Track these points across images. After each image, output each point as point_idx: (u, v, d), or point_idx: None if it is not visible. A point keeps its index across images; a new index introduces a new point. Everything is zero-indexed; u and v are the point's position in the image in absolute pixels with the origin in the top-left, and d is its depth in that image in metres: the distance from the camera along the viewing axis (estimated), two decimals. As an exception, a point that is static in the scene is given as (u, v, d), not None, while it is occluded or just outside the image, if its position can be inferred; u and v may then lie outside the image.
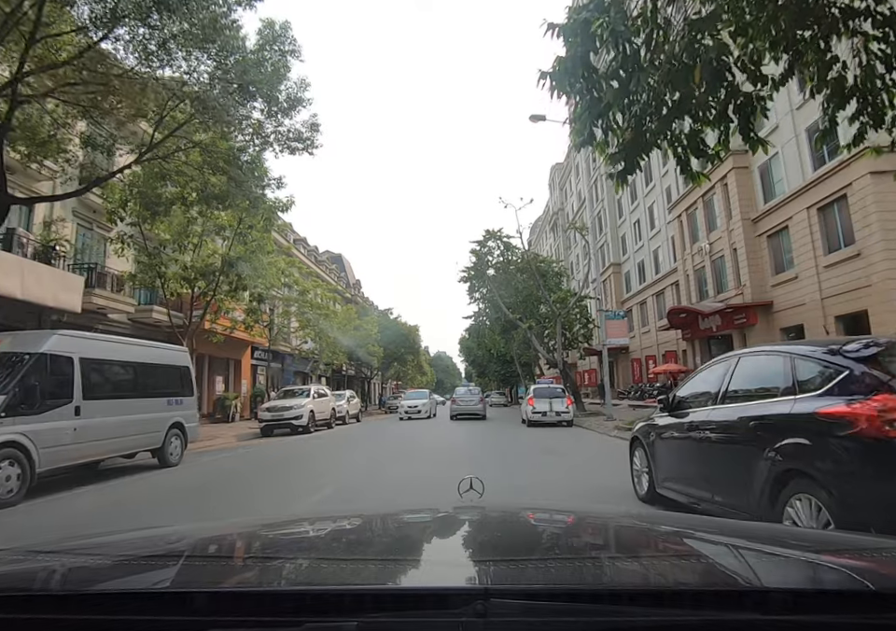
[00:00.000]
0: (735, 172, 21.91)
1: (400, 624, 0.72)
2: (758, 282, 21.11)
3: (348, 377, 46.21)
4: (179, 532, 1.46)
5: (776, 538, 1.25)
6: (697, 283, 26.10)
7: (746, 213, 21.56)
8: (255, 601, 0.76)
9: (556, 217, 60.60)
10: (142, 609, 0.76)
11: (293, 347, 29.91)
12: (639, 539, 1.32)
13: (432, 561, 1.10)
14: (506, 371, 49.28)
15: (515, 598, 0.72)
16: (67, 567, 1.04)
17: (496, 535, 1.36)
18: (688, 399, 4.49)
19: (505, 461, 8.60)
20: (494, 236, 26.06)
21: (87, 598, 0.80)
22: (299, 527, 1.54)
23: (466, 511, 1.59)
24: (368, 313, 37.29)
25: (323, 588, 0.82)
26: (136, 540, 1.33)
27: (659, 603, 0.73)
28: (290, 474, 8.54)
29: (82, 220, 17.23)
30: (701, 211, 25.11)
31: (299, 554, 1.17)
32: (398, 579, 0.99)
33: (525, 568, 0.98)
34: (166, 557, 1.13)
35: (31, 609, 0.76)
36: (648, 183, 33.49)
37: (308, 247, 42.87)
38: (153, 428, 8.82)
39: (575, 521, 1.55)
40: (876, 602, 0.72)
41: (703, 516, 2.44)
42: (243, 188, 11.94)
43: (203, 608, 0.73)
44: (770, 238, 20.86)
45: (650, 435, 4.83)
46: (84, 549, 1.18)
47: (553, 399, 17.44)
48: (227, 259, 13.97)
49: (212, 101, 10.01)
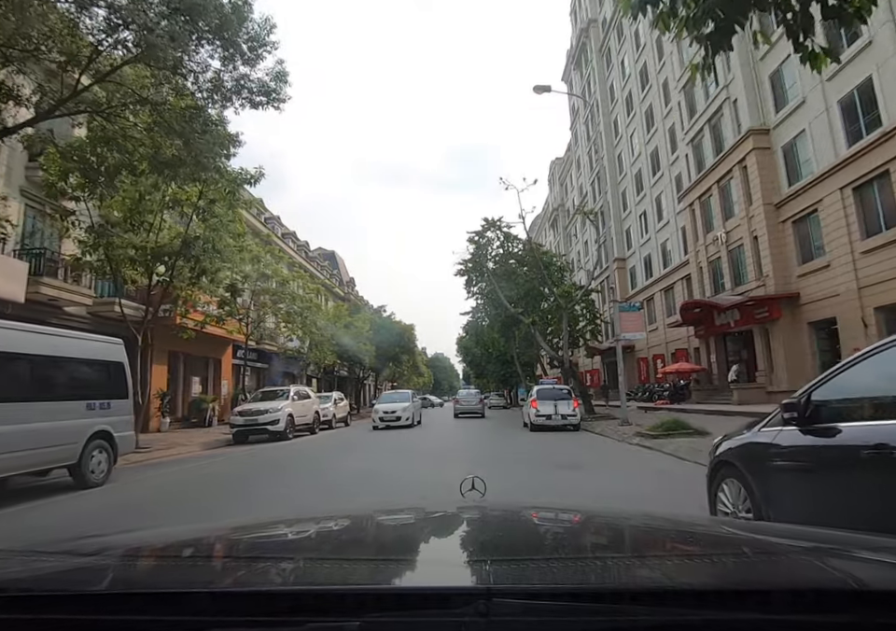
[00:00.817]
0: (756, 153, 20.14)
1: (402, 624, 0.71)
2: (782, 272, 19.30)
3: (339, 378, 44.29)
4: (180, 532, 1.47)
5: (777, 537, 1.24)
6: (712, 275, 24.31)
7: (768, 197, 19.77)
8: (256, 601, 0.76)
9: (556, 214, 58.81)
10: (142, 610, 0.75)
11: (279, 346, 27.98)
12: (642, 539, 1.31)
13: (434, 561, 1.08)
14: (505, 372, 47.40)
15: (518, 598, 0.71)
16: (67, 567, 1.03)
17: (498, 534, 1.35)
18: (842, 405, 2.65)
19: (511, 480, 6.69)
20: (493, 225, 24.16)
21: (87, 598, 0.80)
22: (300, 527, 1.51)
23: (468, 511, 1.59)
24: (360, 310, 35.34)
25: (325, 588, 0.82)
26: (136, 540, 1.34)
27: (661, 603, 0.73)
28: (235, 500, 6.64)
29: (32, 200, 15.31)
30: (716, 198, 23.33)
31: (300, 554, 1.17)
32: (400, 578, 0.97)
33: (528, 568, 0.96)
34: (166, 557, 1.14)
35: (31, 609, 0.76)
36: (655, 172, 31.72)
37: (298, 242, 40.96)
38: (64, 440, 6.91)
39: (578, 520, 1.55)
40: (878, 602, 0.72)
41: (705, 516, 2.30)
42: (200, 152, 10.07)
43: (204, 608, 0.73)
44: (796, 224, 19.07)
45: (759, 461, 2.91)
46: (84, 549, 1.17)
47: (559, 400, 15.61)
48: (185, 239, 12.05)
49: (157, 31, 8.14)
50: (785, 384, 18.69)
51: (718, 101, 22.74)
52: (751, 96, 20.68)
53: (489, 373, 53.93)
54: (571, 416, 15.34)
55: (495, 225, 24.27)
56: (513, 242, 24.61)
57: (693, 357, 26.75)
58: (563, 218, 56.12)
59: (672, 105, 27.90)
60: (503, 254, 24.78)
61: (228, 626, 0.72)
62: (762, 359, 20.25)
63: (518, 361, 38.64)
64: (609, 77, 39.97)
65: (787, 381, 18.67)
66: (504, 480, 6.19)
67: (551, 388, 16.34)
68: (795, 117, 18.68)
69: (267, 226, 33.37)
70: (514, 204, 33.09)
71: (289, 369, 34.52)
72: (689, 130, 25.58)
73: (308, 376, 38.53)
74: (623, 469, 8.31)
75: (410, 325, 41.81)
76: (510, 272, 24.30)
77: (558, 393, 15.99)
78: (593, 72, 42.91)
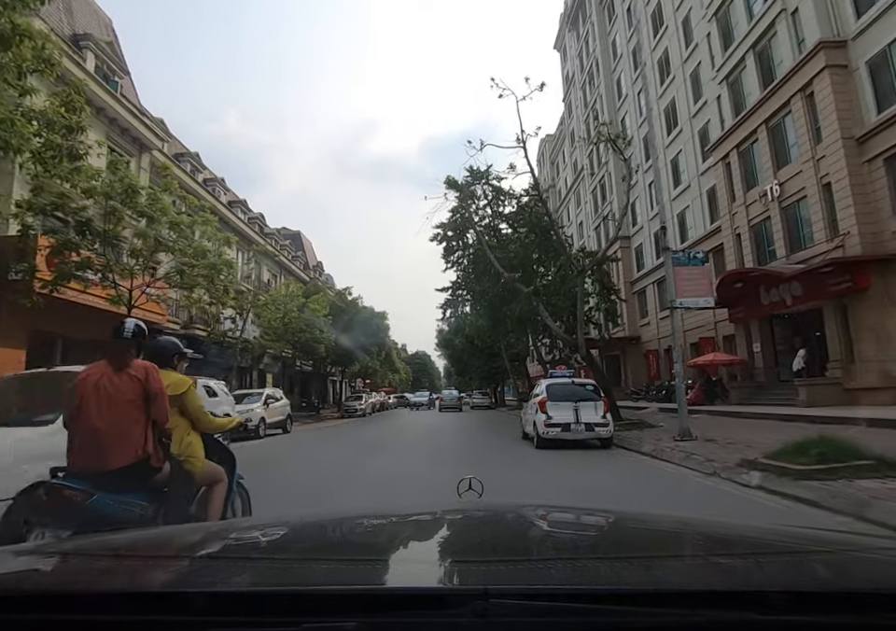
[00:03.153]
0: (830, 73, 15.14)
1: (400, 625, 0.71)
2: (870, 227, 14.33)
3: (303, 374, 38.60)
4: (178, 532, 1.50)
5: (776, 537, 1.23)
6: (754, 242, 19.33)
7: (847, 130, 14.78)
8: (253, 601, 0.76)
9: (547, 195, 53.82)
10: (141, 610, 0.75)
11: (213, 330, 22.27)
12: (639, 539, 1.28)
13: (431, 561, 1.07)
14: (490, 368, 42.16)
15: (515, 599, 0.71)
16: (67, 567, 1.03)
17: (495, 535, 1.33)
18: None
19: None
20: (478, 177, 18.84)
21: (87, 598, 0.79)
22: (297, 527, 1.46)
23: (465, 511, 1.58)
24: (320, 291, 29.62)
25: (321, 588, 0.80)
26: (136, 540, 1.33)
27: (659, 603, 0.72)
28: None
29: None
30: (763, 143, 18.32)
31: (297, 554, 1.15)
32: (396, 579, 0.96)
33: (525, 569, 0.97)
34: (165, 557, 1.13)
35: (31, 610, 0.75)
36: (670, 130, 26.73)
37: (250, 213, 35.08)
38: None
39: (575, 520, 1.54)
40: (877, 602, 0.71)
41: (703, 517, 2.29)
42: None
43: (202, 608, 0.73)
44: (889, 163, 14.10)
45: None
46: (84, 549, 1.18)
47: (581, 402, 10.37)
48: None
49: None
50: (874, 377, 13.74)
51: (768, 17, 17.74)
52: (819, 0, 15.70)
53: (472, 369, 48.61)
54: (601, 426, 10.11)
55: (480, 176, 18.93)
56: (506, 199, 19.29)
57: (725, 346, 21.78)
58: (554, 200, 51.08)
59: (697, 40, 22.90)
60: (492, 215, 19.48)
61: (225, 626, 0.71)
62: (836, 346, 15.27)
63: (505, 355, 33.47)
64: (612, 30, 34.97)
65: (876, 374, 13.73)
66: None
67: (568, 384, 11.03)
68: (888, 19, 13.74)
69: (206, 188, 27.66)
70: (516, 91, 22.33)
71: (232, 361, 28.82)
72: (723, 65, 20.58)
73: (261, 370, 32.80)
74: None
75: (381, 312, 36.09)
76: (502, 240, 19.04)
77: (580, 391, 10.71)
78: (592, 29, 37.94)
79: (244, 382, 30.66)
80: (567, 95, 47.13)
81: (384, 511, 1.80)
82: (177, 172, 24.33)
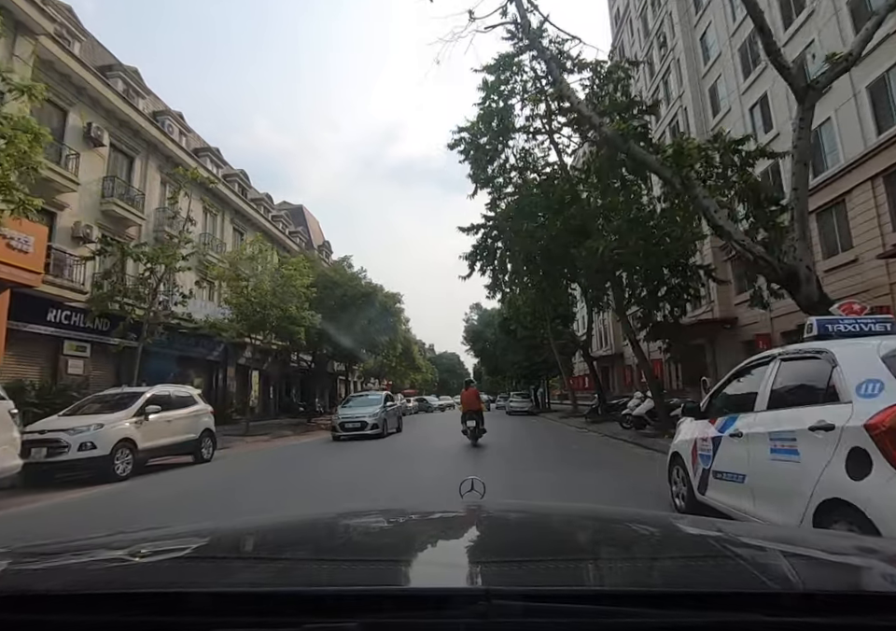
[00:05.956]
0: None
1: (402, 626, 0.70)
2: None
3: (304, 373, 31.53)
4: (178, 532, 1.45)
5: (779, 539, 1.24)
6: None
7: None
8: (254, 602, 0.75)
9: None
10: (141, 610, 0.74)
11: (148, 307, 15.11)
12: (642, 541, 1.29)
13: (433, 562, 1.07)
14: (531, 364, 34.23)
15: (517, 600, 0.70)
16: (67, 567, 1.01)
17: (497, 535, 1.33)
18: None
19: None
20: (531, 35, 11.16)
21: (87, 598, 0.78)
22: (298, 527, 1.47)
23: (467, 512, 1.57)
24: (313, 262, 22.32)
25: (323, 589, 0.80)
26: (136, 540, 1.30)
27: (662, 604, 0.72)
28: None
29: None
30: None
31: (298, 555, 1.14)
32: (398, 579, 0.96)
33: (528, 569, 0.95)
34: (166, 557, 1.11)
35: (31, 610, 0.75)
36: (787, 23, 18.56)
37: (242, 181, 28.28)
38: None
39: (578, 521, 1.52)
40: (879, 604, 0.72)
41: (706, 518, 2.02)
42: None
43: (202, 608, 0.72)
44: None
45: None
46: (84, 549, 1.15)
47: None
48: None
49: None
50: None
51: None
52: None
53: (506, 366, 40.80)
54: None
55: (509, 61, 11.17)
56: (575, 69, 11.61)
57: None
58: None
59: None
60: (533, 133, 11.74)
61: (226, 627, 0.70)
62: None
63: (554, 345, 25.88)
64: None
65: None
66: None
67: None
68: None
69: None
70: None
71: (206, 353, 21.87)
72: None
73: (243, 366, 25.72)
74: None
75: (393, 293, 28.33)
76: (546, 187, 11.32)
77: None
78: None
79: (213, 383, 23.73)
80: (618, 33, 39.04)
81: (385, 512, 1.78)
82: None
